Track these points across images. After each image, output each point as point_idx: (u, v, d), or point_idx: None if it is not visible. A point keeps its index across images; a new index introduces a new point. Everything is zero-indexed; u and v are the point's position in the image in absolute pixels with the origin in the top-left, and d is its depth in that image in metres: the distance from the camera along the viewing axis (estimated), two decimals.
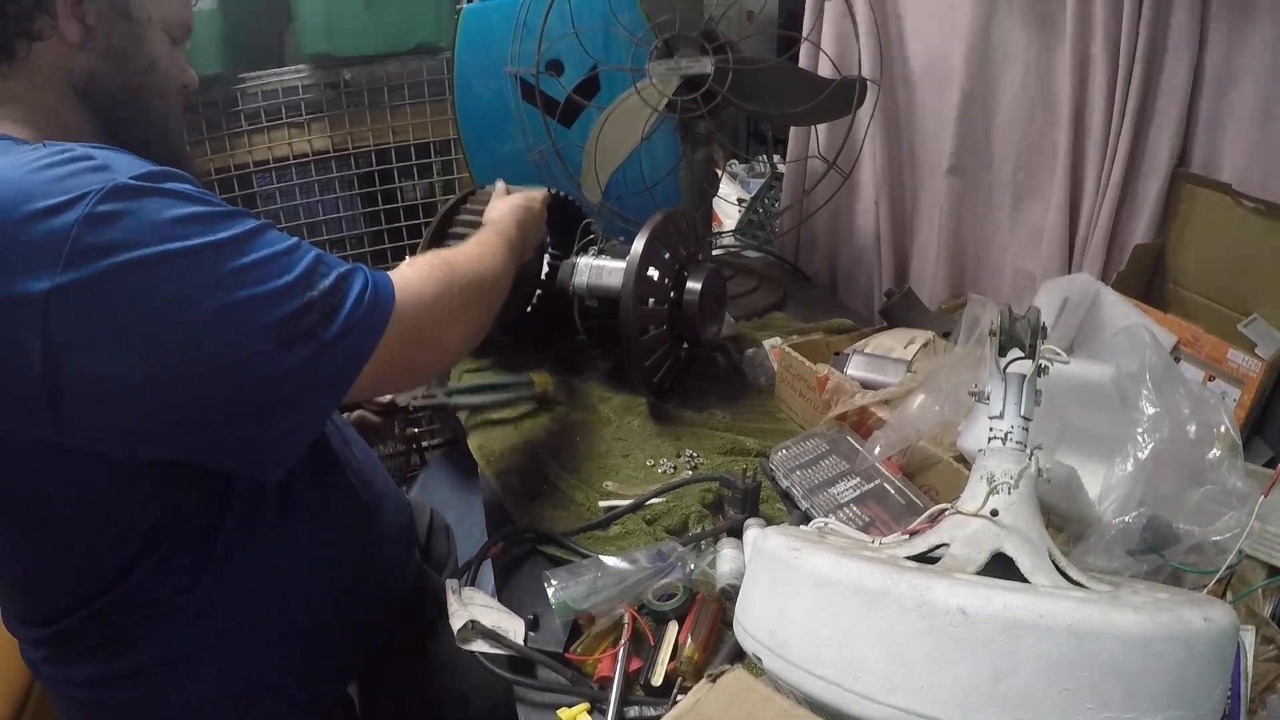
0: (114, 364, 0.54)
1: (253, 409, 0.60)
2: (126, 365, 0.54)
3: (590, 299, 1.08)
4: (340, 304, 0.62)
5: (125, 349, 0.54)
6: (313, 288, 0.61)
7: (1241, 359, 0.87)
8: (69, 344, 0.52)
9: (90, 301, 0.52)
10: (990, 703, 0.42)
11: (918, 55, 1.30)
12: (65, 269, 0.51)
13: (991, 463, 0.61)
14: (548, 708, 0.67)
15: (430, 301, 0.70)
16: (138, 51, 0.68)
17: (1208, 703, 0.44)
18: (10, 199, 0.52)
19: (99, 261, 0.52)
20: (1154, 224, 1.01)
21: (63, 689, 0.73)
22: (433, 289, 0.71)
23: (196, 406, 0.58)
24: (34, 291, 0.51)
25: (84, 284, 0.51)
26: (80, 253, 0.51)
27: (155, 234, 0.54)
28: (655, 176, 1.34)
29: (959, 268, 1.32)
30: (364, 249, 1.93)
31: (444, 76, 1.77)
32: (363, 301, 0.64)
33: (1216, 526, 0.65)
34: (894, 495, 0.84)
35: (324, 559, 0.77)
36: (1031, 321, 0.65)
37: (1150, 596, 0.51)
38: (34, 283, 0.51)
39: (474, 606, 0.73)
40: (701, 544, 0.79)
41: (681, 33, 1.12)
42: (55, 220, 0.51)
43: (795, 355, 1.03)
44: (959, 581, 0.46)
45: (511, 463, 0.99)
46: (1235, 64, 0.91)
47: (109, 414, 0.56)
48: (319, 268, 0.63)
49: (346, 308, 0.62)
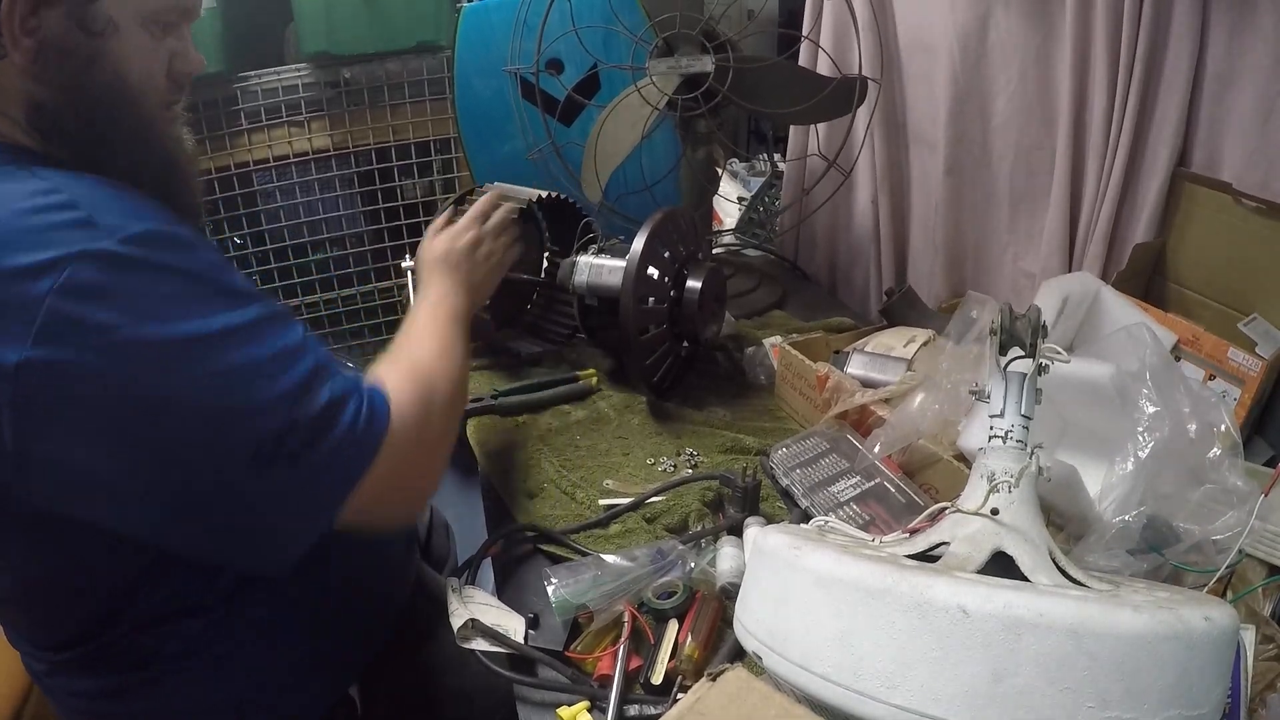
0: (81, 452, 0.51)
1: (224, 524, 0.57)
2: (94, 456, 0.51)
3: (590, 298, 1.08)
4: (328, 429, 0.57)
5: (93, 441, 0.51)
6: (302, 406, 0.56)
7: (1242, 358, 0.87)
8: (36, 422, 0.49)
9: (60, 385, 0.49)
10: (990, 702, 0.42)
11: (918, 54, 1.30)
12: (37, 342, 0.48)
13: (992, 461, 0.61)
14: (548, 706, 0.67)
15: (418, 434, 0.65)
16: (96, 68, 0.60)
17: (1208, 702, 0.44)
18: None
19: (71, 342, 0.48)
20: (1154, 223, 1.01)
21: (65, 699, 0.72)
22: (420, 416, 0.65)
23: (168, 510, 0.55)
24: (5, 361, 0.48)
25: (55, 366, 0.48)
26: (53, 327, 0.48)
27: (136, 317, 0.50)
28: (655, 175, 1.34)
29: (959, 266, 1.32)
30: (364, 248, 1.94)
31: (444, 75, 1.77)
32: (355, 429, 0.58)
33: (1216, 526, 0.65)
34: (894, 494, 0.84)
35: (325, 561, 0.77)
36: (1032, 320, 0.65)
37: (1150, 596, 0.51)
38: (5, 350, 0.48)
39: (474, 605, 0.73)
40: (701, 542, 0.79)
41: (682, 31, 1.12)
42: (31, 285, 0.48)
43: (795, 354, 1.03)
44: (959, 580, 0.46)
45: (512, 460, 0.99)
46: (1235, 64, 0.91)
47: (78, 498, 0.54)
48: (314, 382, 0.57)
49: (334, 435, 0.57)
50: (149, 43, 0.63)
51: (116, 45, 0.60)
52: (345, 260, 1.92)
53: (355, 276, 1.94)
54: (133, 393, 0.51)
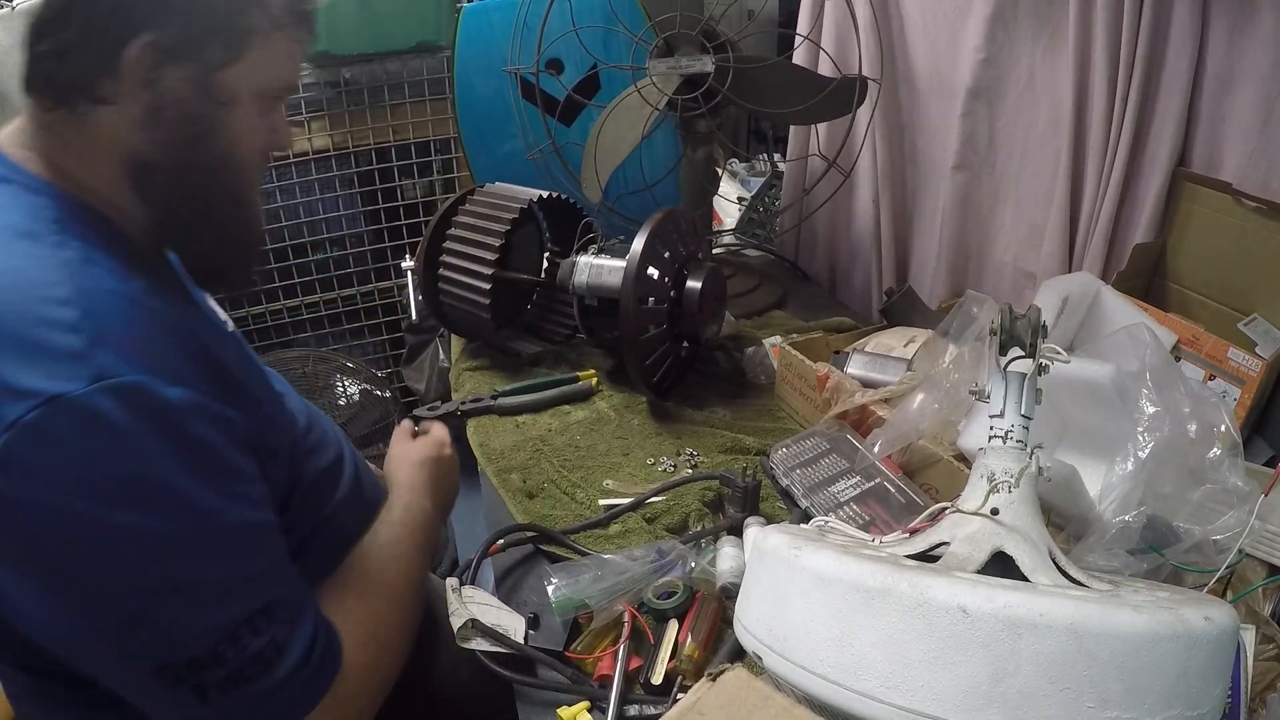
0: (7, 583, 0.49)
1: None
2: (17, 592, 0.49)
3: (590, 298, 1.08)
4: (256, 677, 0.53)
5: (18, 582, 0.49)
6: (232, 644, 0.52)
7: (1242, 358, 0.87)
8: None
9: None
10: (990, 702, 0.42)
11: (918, 54, 1.30)
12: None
13: (992, 461, 0.61)
14: (548, 706, 0.67)
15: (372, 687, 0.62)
16: (212, 139, 0.58)
17: (1208, 701, 0.44)
18: None
19: (16, 478, 0.46)
20: (1154, 223, 1.01)
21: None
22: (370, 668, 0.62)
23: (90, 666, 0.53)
24: None
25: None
26: (6, 467, 0.46)
27: (80, 489, 0.47)
28: (655, 175, 1.34)
29: (959, 266, 1.32)
30: (364, 248, 1.93)
31: (444, 75, 1.77)
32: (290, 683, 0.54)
33: (1216, 525, 0.65)
34: (894, 494, 0.84)
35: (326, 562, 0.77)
36: (1032, 320, 0.65)
37: (1150, 595, 0.51)
38: None
39: (474, 605, 0.73)
40: (701, 542, 0.79)
41: (682, 31, 1.12)
42: (1, 409, 0.46)
43: (795, 354, 1.03)
44: (959, 580, 0.46)
45: (511, 461, 0.99)
46: (1235, 64, 0.91)
47: (11, 613, 0.51)
48: (259, 621, 0.53)
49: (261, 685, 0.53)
50: (256, 118, 0.61)
51: (233, 117, 0.59)
52: (345, 260, 1.92)
53: (355, 276, 1.94)
54: (60, 562, 0.48)
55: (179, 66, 0.55)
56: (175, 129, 0.57)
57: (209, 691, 0.52)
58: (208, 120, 0.58)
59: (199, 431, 0.52)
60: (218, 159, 0.60)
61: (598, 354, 1.21)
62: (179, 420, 0.51)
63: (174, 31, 0.54)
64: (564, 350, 1.24)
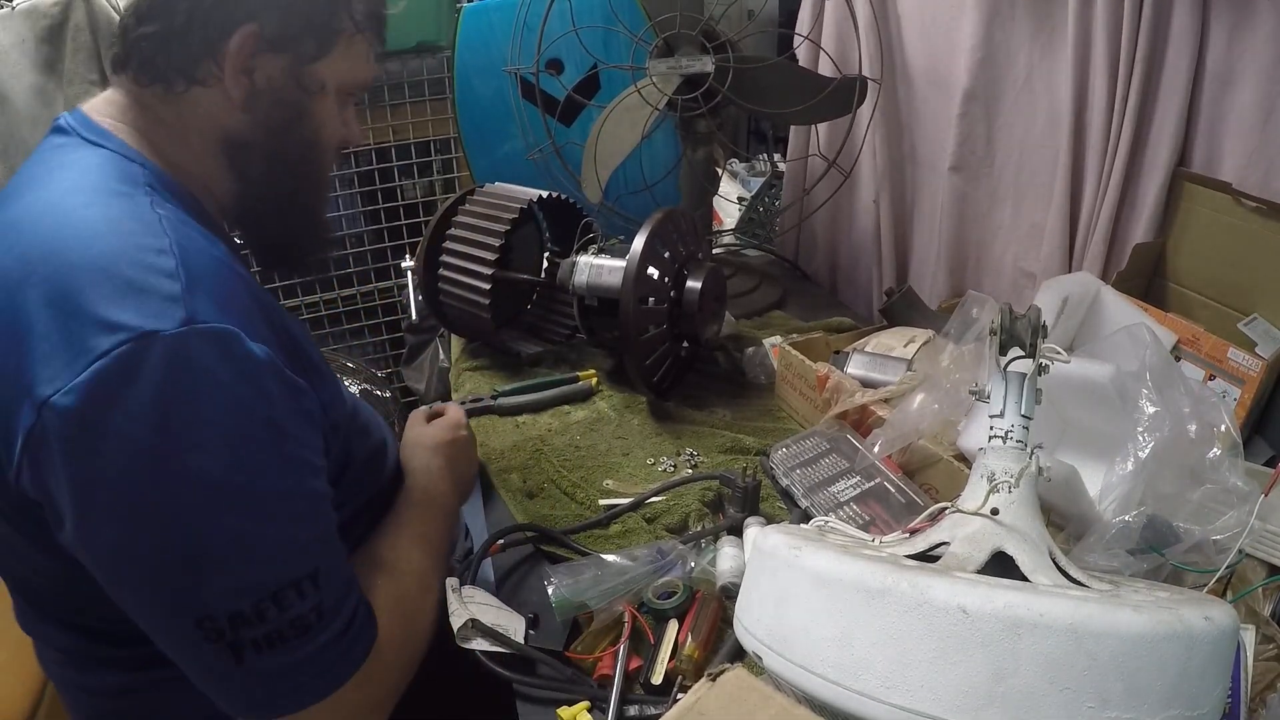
0: (67, 516, 0.50)
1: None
2: (75, 524, 0.50)
3: (590, 298, 1.08)
4: (292, 639, 0.53)
5: (88, 509, 0.50)
6: (281, 602, 0.53)
7: (1242, 358, 0.87)
8: (39, 468, 0.49)
9: (70, 450, 0.48)
10: (990, 702, 0.42)
11: (918, 54, 1.30)
12: (72, 394, 0.47)
13: (992, 461, 0.61)
14: (548, 706, 0.67)
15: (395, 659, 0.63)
16: (303, 124, 0.64)
17: (1208, 701, 0.44)
18: (87, 269, 0.49)
19: (99, 420, 0.47)
20: (1154, 223, 1.01)
21: (76, 694, 0.71)
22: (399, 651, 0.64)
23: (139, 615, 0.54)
24: (37, 394, 0.48)
25: (72, 432, 0.48)
26: (93, 392, 0.47)
27: (159, 426, 0.48)
28: (655, 175, 1.34)
29: (959, 266, 1.32)
30: (364, 248, 1.93)
31: (444, 75, 1.77)
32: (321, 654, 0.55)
33: (1217, 526, 0.65)
34: (894, 494, 0.84)
35: None
36: (1032, 320, 0.65)
37: (1150, 595, 0.51)
38: (43, 385, 0.47)
39: (474, 604, 0.73)
40: (701, 542, 0.79)
41: (682, 31, 1.12)
42: (96, 339, 0.47)
43: (795, 354, 1.03)
44: (959, 580, 0.46)
45: (511, 461, 0.99)
46: (1235, 64, 0.91)
47: (74, 543, 0.52)
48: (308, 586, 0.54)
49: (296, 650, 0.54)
50: (337, 110, 0.67)
51: (320, 107, 0.65)
52: (345, 260, 1.92)
53: (355, 276, 1.93)
54: (127, 497, 0.49)
55: (276, 56, 0.61)
56: (270, 112, 0.62)
57: (245, 651, 0.52)
58: (299, 106, 0.63)
59: (278, 390, 0.54)
60: (305, 143, 0.65)
61: (598, 354, 1.21)
62: (262, 374, 0.53)
63: (273, 24, 0.60)
64: (564, 350, 1.24)
